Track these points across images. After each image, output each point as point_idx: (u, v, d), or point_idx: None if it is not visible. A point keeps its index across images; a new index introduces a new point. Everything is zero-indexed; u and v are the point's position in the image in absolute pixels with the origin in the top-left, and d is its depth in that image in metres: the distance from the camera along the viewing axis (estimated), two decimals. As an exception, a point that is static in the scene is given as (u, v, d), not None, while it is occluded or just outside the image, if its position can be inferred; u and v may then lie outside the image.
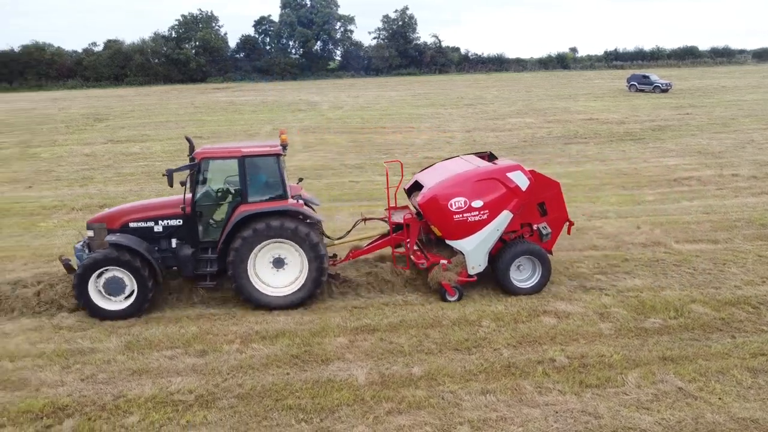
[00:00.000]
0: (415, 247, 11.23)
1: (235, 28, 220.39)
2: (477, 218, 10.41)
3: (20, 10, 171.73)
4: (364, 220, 12.20)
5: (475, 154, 12.16)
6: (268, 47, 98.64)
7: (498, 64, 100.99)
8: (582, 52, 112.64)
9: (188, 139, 11.32)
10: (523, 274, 10.88)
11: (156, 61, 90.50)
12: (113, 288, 10.09)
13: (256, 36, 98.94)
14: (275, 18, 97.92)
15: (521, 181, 10.51)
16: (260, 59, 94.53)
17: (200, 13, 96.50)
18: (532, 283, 10.78)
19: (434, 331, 9.39)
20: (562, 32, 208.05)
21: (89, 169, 24.39)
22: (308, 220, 10.42)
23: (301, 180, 12.56)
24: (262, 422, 7.20)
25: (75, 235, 13.73)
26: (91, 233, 10.60)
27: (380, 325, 9.60)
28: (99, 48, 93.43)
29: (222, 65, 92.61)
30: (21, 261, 13.04)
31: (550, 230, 10.97)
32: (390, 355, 8.68)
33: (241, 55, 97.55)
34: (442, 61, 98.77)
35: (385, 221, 11.64)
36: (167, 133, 34.30)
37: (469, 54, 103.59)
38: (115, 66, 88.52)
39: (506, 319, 9.67)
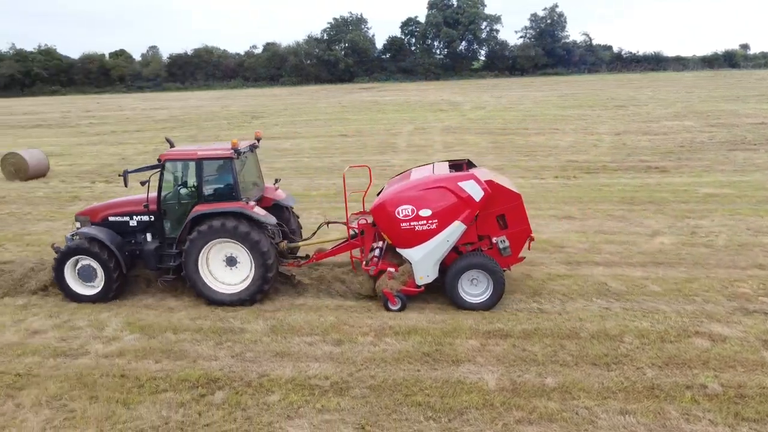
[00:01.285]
0: (378, 253, 10.89)
1: (383, 29, 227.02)
2: (425, 227, 10.06)
3: (195, 17, 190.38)
4: (327, 223, 12.32)
5: (450, 161, 11.78)
6: (413, 48, 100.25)
7: (654, 62, 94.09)
8: (755, 49, 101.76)
9: (168, 140, 12.03)
10: (477, 289, 10.29)
11: (308, 62, 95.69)
12: (85, 275, 11.12)
13: (402, 37, 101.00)
14: (422, 19, 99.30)
15: (474, 191, 9.96)
16: (405, 60, 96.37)
17: (350, 16, 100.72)
18: (482, 299, 10.20)
19: (571, 342, 9.01)
20: (731, 27, 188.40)
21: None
22: (257, 222, 10.57)
23: (277, 180, 12.83)
24: (391, 415, 7.38)
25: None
26: (78, 225, 11.68)
27: (513, 331, 9.41)
28: (258, 51, 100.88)
29: (368, 66, 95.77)
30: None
31: (508, 244, 10.29)
32: (522, 363, 8.48)
33: (387, 56, 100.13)
34: (592, 60, 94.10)
35: (346, 225, 11.45)
36: (315, 130, 36.18)
37: (623, 52, 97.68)
38: (272, 67, 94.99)
39: (651, 337, 9.02)
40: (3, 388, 8.22)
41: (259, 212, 10.75)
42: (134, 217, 11.40)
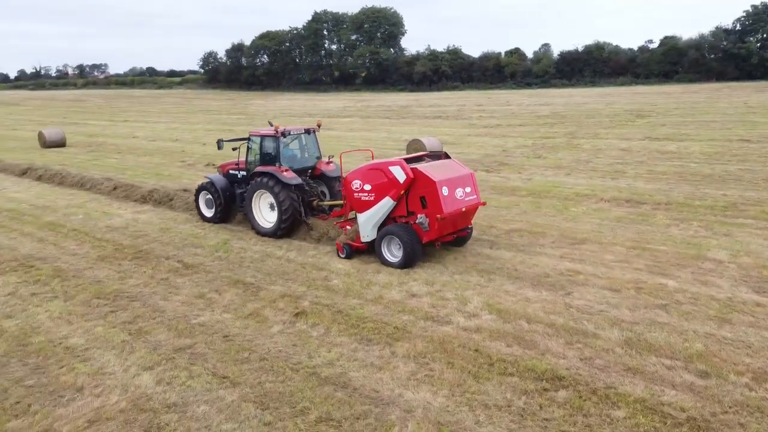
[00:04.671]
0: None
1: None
2: (367, 198, 13.12)
3: (592, 13, 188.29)
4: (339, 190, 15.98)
5: (432, 152, 14.42)
6: None
7: None
8: None
9: (270, 123, 16.41)
10: (399, 252, 12.75)
11: (711, 56, 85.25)
12: (208, 203, 17.36)
13: None
14: None
15: (399, 174, 12.47)
16: None
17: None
18: (396, 260, 12.81)
19: None
20: None
21: (622, 163, 25.23)
22: (281, 181, 14.79)
23: (331, 157, 16.99)
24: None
25: (598, 223, 14.70)
26: (218, 172, 17.78)
27: None
28: (654, 45, 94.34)
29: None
30: (549, 239, 14.71)
31: (423, 221, 12.52)
32: None
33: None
34: None
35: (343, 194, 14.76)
36: (709, 133, 32.19)
37: None
38: (667, 62, 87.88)
39: None
40: (385, 336, 9.80)
41: (287, 175, 14.88)
42: (240, 171, 16.75)
